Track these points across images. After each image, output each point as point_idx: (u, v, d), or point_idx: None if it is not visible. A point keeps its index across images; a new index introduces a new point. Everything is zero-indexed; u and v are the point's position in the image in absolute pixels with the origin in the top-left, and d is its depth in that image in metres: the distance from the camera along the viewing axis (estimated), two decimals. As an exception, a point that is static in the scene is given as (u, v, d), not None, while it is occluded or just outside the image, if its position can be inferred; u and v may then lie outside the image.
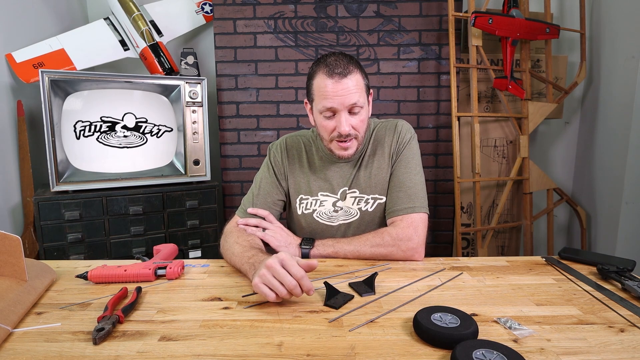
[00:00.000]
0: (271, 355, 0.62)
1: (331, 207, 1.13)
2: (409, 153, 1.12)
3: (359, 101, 1.00)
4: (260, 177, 1.18)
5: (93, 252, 1.77)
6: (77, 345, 0.65)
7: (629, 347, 0.64)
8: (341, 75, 0.98)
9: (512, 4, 1.99)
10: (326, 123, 1.03)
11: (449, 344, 0.62)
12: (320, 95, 1.01)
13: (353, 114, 1.02)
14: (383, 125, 1.17)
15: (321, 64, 1.02)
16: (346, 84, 0.98)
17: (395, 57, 2.10)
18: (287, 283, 0.74)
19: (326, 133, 1.05)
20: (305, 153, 1.18)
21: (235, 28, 2.09)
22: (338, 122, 1.01)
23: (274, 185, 1.16)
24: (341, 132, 1.01)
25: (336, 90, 0.98)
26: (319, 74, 1.01)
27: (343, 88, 0.98)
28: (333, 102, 0.99)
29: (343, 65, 0.99)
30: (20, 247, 0.79)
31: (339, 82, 0.98)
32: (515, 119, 2.09)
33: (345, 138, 1.03)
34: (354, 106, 1.00)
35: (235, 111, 2.15)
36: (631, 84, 1.85)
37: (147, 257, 1.01)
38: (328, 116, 1.02)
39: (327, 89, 0.99)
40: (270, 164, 1.18)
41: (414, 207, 1.05)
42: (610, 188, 2.01)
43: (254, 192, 1.16)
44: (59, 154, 1.70)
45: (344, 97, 0.98)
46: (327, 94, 0.99)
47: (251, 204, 1.14)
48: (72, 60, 1.92)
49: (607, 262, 0.94)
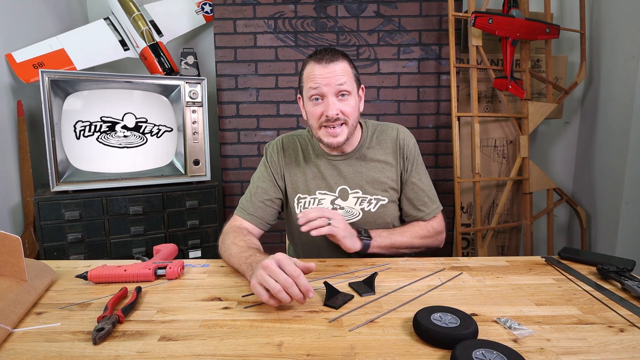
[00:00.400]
0: (271, 355, 0.62)
1: (329, 205, 1.14)
2: (419, 159, 1.18)
3: (346, 83, 1.02)
4: (257, 176, 1.19)
5: (93, 252, 1.78)
6: (77, 345, 0.65)
7: (629, 347, 0.64)
8: (328, 61, 1.02)
9: (512, 4, 1.99)
10: (314, 109, 1.05)
11: (448, 344, 0.62)
12: (308, 81, 1.04)
13: (342, 99, 1.04)
14: (383, 129, 1.18)
15: (310, 57, 1.06)
16: (333, 68, 1.02)
17: (395, 57, 2.10)
18: (282, 281, 0.73)
19: (315, 119, 1.06)
20: (302, 152, 1.18)
21: (235, 28, 2.09)
22: (326, 105, 1.03)
23: (271, 184, 1.16)
24: (329, 115, 1.02)
25: (323, 73, 1.02)
26: (308, 63, 1.06)
27: (330, 71, 1.02)
28: (320, 83, 1.02)
29: (330, 53, 1.03)
30: (20, 247, 0.79)
31: (326, 67, 1.02)
32: (515, 119, 2.09)
33: (334, 123, 1.04)
34: (341, 89, 1.02)
35: (235, 111, 2.15)
36: (631, 84, 1.85)
37: (147, 257, 1.01)
38: (316, 100, 1.04)
39: (314, 73, 1.03)
40: (267, 164, 1.18)
41: (438, 207, 1.18)
42: (610, 188, 2.01)
43: (251, 191, 1.16)
44: (59, 154, 1.70)
45: (331, 79, 1.01)
46: (315, 78, 1.02)
47: (249, 203, 1.14)
48: (72, 60, 1.92)
49: (607, 262, 0.94)
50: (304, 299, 0.74)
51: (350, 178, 1.14)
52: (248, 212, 1.14)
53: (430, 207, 1.16)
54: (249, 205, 1.14)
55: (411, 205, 1.16)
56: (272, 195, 1.16)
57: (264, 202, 1.15)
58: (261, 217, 1.14)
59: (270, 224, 1.19)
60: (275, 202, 1.17)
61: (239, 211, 1.15)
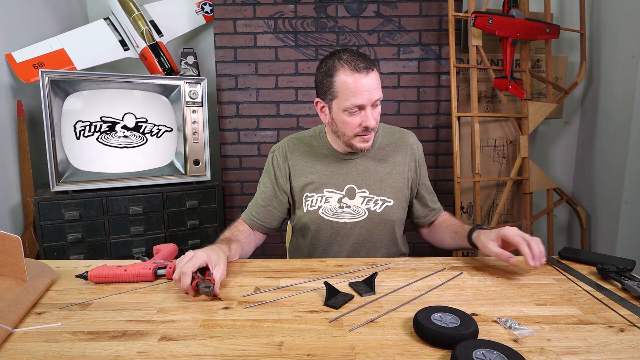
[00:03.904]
0: (271, 355, 0.62)
1: (336, 203, 1.14)
2: (424, 162, 1.24)
3: (381, 96, 1.05)
4: (262, 181, 1.21)
5: (93, 252, 1.77)
6: (77, 345, 0.65)
7: (629, 346, 0.64)
8: (367, 70, 1.01)
9: (512, 4, 1.99)
10: (351, 119, 1.04)
11: (449, 343, 0.62)
12: (347, 92, 1.01)
13: (375, 107, 1.05)
14: (394, 133, 1.21)
15: (339, 61, 1.02)
16: (372, 79, 1.01)
17: (395, 57, 2.10)
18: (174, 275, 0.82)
19: (350, 129, 1.06)
20: (309, 152, 1.18)
21: (235, 28, 2.09)
22: (365, 117, 1.03)
23: (275, 189, 1.18)
24: (369, 125, 1.04)
25: (364, 86, 1.00)
26: (342, 70, 1.01)
27: (370, 83, 1.01)
28: (362, 98, 1.01)
29: (365, 61, 1.01)
30: (20, 247, 0.79)
31: (366, 77, 1.00)
32: (515, 119, 2.09)
33: (370, 131, 1.07)
34: (376, 100, 1.04)
35: (235, 111, 2.15)
36: (631, 83, 1.85)
37: (147, 257, 1.01)
38: (353, 112, 1.04)
39: (355, 85, 1.00)
40: (272, 168, 1.19)
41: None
42: (610, 188, 2.01)
43: (257, 199, 1.20)
44: (59, 154, 1.70)
45: (371, 93, 1.01)
46: (356, 91, 1.00)
47: (253, 207, 1.20)
48: (72, 60, 1.92)
49: (607, 262, 0.94)
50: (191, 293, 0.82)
51: (358, 177, 1.14)
52: (251, 215, 1.19)
53: (438, 204, 1.26)
54: (253, 209, 1.19)
55: (424, 205, 1.23)
56: (275, 201, 1.18)
57: (266, 207, 1.18)
58: (262, 221, 1.18)
59: (273, 229, 1.21)
60: (278, 208, 1.19)
61: (244, 214, 1.21)
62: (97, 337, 0.67)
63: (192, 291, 0.81)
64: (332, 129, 1.12)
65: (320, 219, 1.14)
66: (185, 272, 0.80)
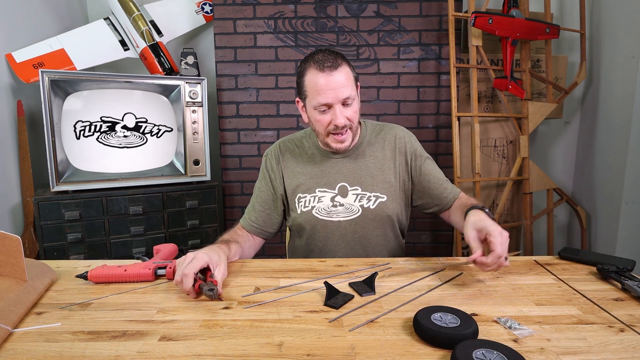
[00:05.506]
0: (271, 355, 0.62)
1: (329, 202, 1.14)
2: (424, 153, 1.19)
3: (351, 94, 1.04)
4: (257, 186, 1.23)
5: (93, 252, 1.77)
6: (77, 345, 0.65)
7: (629, 347, 0.64)
8: (330, 69, 1.01)
9: (512, 4, 1.99)
10: (321, 117, 1.06)
11: (449, 343, 0.62)
12: (314, 92, 1.04)
13: (346, 105, 1.05)
14: (381, 128, 1.21)
15: (310, 61, 1.05)
16: (338, 78, 1.02)
17: (395, 57, 2.10)
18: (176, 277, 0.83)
19: (322, 127, 1.08)
20: (299, 153, 1.20)
21: (235, 28, 2.09)
22: (333, 115, 1.04)
23: (270, 193, 1.20)
24: (337, 124, 1.04)
25: (328, 84, 1.01)
26: (309, 70, 1.05)
27: (335, 81, 1.02)
28: (327, 96, 1.02)
29: (331, 59, 1.03)
30: (20, 247, 0.79)
31: (330, 76, 1.01)
32: (515, 119, 2.09)
33: (341, 130, 1.06)
34: (346, 99, 1.04)
35: (235, 111, 2.15)
36: (631, 83, 1.85)
37: (147, 257, 1.01)
38: (323, 110, 1.05)
39: (320, 84, 1.02)
40: (266, 172, 1.21)
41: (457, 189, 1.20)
42: (610, 188, 2.01)
43: (254, 204, 1.21)
44: (59, 154, 1.70)
45: (337, 91, 1.02)
46: (321, 89, 1.02)
47: (250, 212, 1.21)
48: (72, 60, 1.92)
49: (607, 262, 0.94)
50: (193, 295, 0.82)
51: (349, 175, 1.15)
52: (249, 221, 1.20)
53: (452, 189, 1.18)
54: (251, 214, 1.20)
55: (432, 195, 1.17)
56: (272, 204, 1.20)
57: (264, 211, 1.19)
58: (262, 226, 1.19)
59: (272, 232, 1.22)
60: (274, 211, 1.20)
61: (242, 220, 1.22)
62: (97, 337, 0.67)
63: (193, 293, 0.81)
64: (311, 127, 1.14)
65: (315, 219, 1.14)
66: (187, 274, 0.80)
